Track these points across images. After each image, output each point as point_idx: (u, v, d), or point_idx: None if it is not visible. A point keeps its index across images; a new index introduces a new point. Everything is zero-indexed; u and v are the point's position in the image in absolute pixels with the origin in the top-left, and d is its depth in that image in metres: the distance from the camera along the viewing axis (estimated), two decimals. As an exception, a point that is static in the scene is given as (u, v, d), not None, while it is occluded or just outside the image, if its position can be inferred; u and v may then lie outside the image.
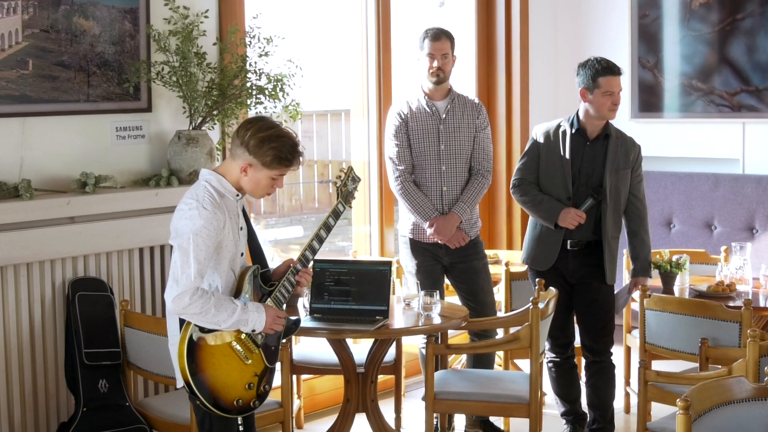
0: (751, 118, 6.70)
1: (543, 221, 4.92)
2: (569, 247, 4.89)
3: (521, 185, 4.98)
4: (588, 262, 4.89)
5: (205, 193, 3.47)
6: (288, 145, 3.48)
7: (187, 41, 4.73)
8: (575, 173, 4.88)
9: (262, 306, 3.55)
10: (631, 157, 4.90)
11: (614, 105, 4.81)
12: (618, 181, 4.87)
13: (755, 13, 6.61)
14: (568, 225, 4.81)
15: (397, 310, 4.70)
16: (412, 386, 5.88)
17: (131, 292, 4.72)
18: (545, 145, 4.94)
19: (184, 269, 3.38)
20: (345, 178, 3.94)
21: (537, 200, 4.91)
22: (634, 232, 4.94)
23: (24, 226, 4.30)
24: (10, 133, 4.43)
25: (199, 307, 3.38)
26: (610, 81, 4.78)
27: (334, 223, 3.84)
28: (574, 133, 4.89)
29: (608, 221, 4.85)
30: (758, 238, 6.47)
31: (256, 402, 3.59)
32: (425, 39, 5.10)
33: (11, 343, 4.34)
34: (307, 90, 5.06)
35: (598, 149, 4.88)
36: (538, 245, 4.97)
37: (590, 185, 4.86)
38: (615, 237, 4.90)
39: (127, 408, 4.45)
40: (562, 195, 4.88)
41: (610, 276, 4.88)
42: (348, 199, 3.93)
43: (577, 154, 4.88)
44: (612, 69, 4.80)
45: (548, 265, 4.93)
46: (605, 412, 5.01)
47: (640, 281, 4.92)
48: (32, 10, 4.41)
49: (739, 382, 3.08)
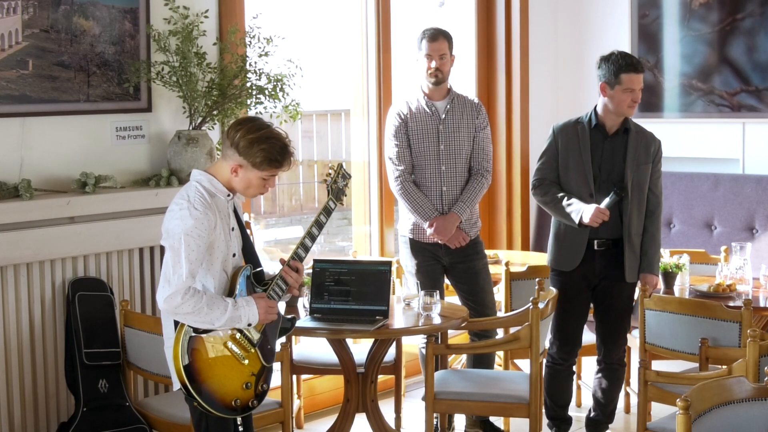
0: (751, 118, 6.70)
1: (565, 220, 4.81)
2: (596, 247, 4.80)
3: (541, 185, 4.88)
4: (615, 261, 4.81)
5: (195, 193, 3.47)
6: (278, 146, 3.48)
7: (187, 41, 4.73)
8: (596, 170, 4.80)
9: (251, 298, 3.54)
10: (651, 151, 4.83)
11: (634, 102, 4.73)
12: (639, 176, 4.79)
13: (755, 13, 6.61)
14: (592, 223, 4.69)
15: (397, 310, 4.70)
16: (412, 386, 5.88)
17: (131, 292, 4.72)
18: (564, 143, 4.85)
19: (175, 269, 3.38)
20: (335, 175, 3.93)
21: (558, 199, 4.81)
22: (646, 227, 4.85)
23: (24, 226, 4.30)
24: (10, 133, 4.43)
25: (191, 306, 3.38)
26: (633, 78, 4.70)
27: (326, 221, 3.83)
28: (593, 129, 4.82)
29: (632, 217, 4.78)
30: (758, 238, 6.46)
31: (255, 402, 3.59)
32: (423, 39, 5.10)
33: (11, 343, 4.34)
34: (307, 90, 5.06)
35: (618, 144, 4.81)
36: (563, 246, 4.88)
37: (611, 181, 4.77)
38: (638, 234, 4.81)
39: (127, 408, 4.45)
40: (584, 192, 4.80)
41: (629, 274, 4.81)
42: (339, 196, 3.92)
43: (596, 150, 4.81)
44: (635, 66, 4.72)
45: (573, 266, 4.83)
46: (606, 407, 5.02)
47: (645, 278, 4.85)
48: (32, 10, 4.41)
49: (739, 382, 3.08)
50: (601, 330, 4.96)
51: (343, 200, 3.96)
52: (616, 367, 4.97)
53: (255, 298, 3.55)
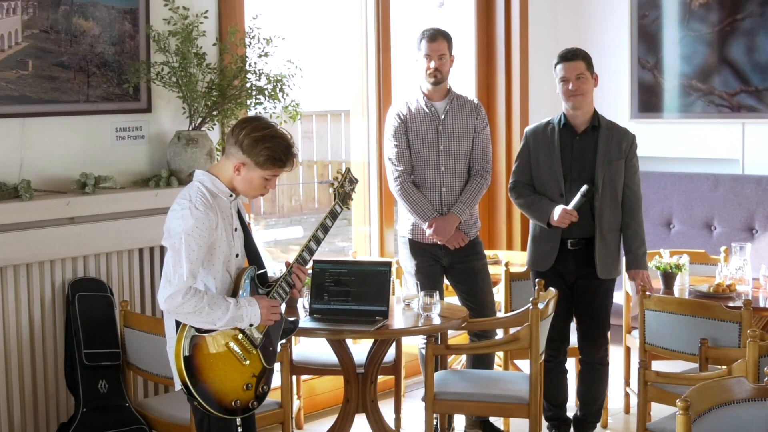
0: (750, 119, 6.70)
1: (537, 221, 4.90)
2: (570, 246, 4.87)
3: (515, 187, 4.97)
4: (589, 260, 4.86)
5: (197, 193, 3.47)
6: (282, 146, 3.48)
7: (186, 42, 4.73)
8: (566, 169, 4.85)
9: (254, 299, 3.53)
10: (623, 146, 4.85)
11: (572, 92, 4.77)
12: (612, 173, 4.82)
13: (755, 13, 6.61)
14: (559, 224, 4.77)
15: (397, 310, 4.70)
16: (411, 387, 5.88)
17: (131, 293, 4.72)
18: (534, 145, 4.92)
19: (176, 269, 3.38)
20: (342, 179, 3.93)
21: (530, 201, 4.90)
22: (627, 224, 4.88)
23: (24, 227, 4.30)
24: (10, 134, 4.43)
25: (192, 306, 3.38)
26: (564, 66, 4.78)
27: (332, 225, 3.83)
28: (561, 128, 4.87)
29: (603, 215, 4.81)
30: (758, 238, 6.47)
31: (255, 403, 3.59)
32: (422, 40, 5.10)
33: (11, 344, 4.34)
34: (306, 90, 5.06)
35: (588, 142, 4.84)
36: (538, 246, 4.96)
37: (583, 180, 4.81)
38: (612, 230, 4.85)
39: (127, 408, 4.45)
40: (554, 193, 4.86)
41: (602, 270, 4.84)
42: (345, 200, 3.92)
43: (566, 149, 4.85)
44: (564, 55, 4.80)
45: (547, 266, 4.90)
46: (590, 407, 5.03)
47: (632, 275, 4.89)
48: (32, 11, 4.41)
49: (738, 382, 3.08)
50: (580, 329, 5.00)
51: (349, 204, 3.96)
52: (597, 366, 4.99)
53: (257, 298, 3.55)
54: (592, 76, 4.82)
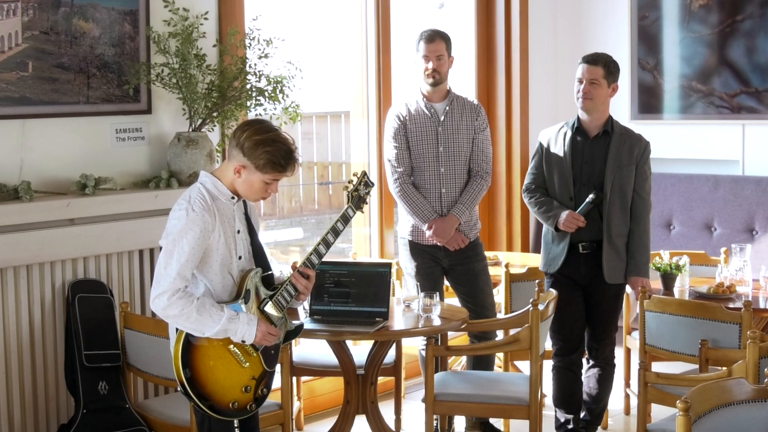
0: (750, 120, 6.70)
1: (547, 224, 4.91)
2: (581, 250, 4.86)
3: (528, 190, 4.99)
4: (599, 263, 4.85)
5: (197, 195, 3.47)
6: (283, 150, 3.46)
7: (186, 43, 4.73)
8: (576, 173, 4.86)
9: (255, 319, 3.51)
10: (635, 152, 4.84)
11: (583, 94, 4.79)
12: (622, 178, 4.82)
13: (755, 14, 6.61)
14: (566, 228, 4.79)
15: (397, 311, 4.70)
16: (412, 388, 5.88)
17: (131, 294, 4.72)
18: (548, 148, 4.94)
19: (166, 269, 3.38)
20: (357, 182, 3.90)
21: (540, 203, 4.90)
22: (632, 230, 4.88)
23: (24, 228, 4.30)
24: (10, 135, 4.43)
25: (179, 309, 3.36)
26: (582, 68, 4.80)
27: (343, 228, 3.79)
28: (573, 132, 4.88)
29: (612, 220, 4.81)
30: (758, 239, 6.47)
31: (253, 405, 3.58)
32: (420, 41, 5.11)
33: (11, 345, 4.34)
34: (306, 92, 5.07)
35: (600, 147, 4.85)
36: (548, 249, 4.97)
37: (593, 184, 4.82)
38: (621, 235, 4.84)
39: (127, 410, 4.45)
40: (564, 196, 4.87)
41: (609, 275, 4.84)
42: (359, 204, 3.89)
43: (577, 154, 4.87)
44: (586, 58, 4.82)
45: (555, 269, 4.90)
46: (594, 408, 5.03)
47: (632, 282, 4.88)
48: (32, 12, 4.41)
49: (738, 383, 3.08)
50: (589, 330, 5.00)
51: (363, 208, 3.93)
52: (602, 365, 4.99)
53: (259, 321, 3.51)
54: (609, 85, 4.82)
